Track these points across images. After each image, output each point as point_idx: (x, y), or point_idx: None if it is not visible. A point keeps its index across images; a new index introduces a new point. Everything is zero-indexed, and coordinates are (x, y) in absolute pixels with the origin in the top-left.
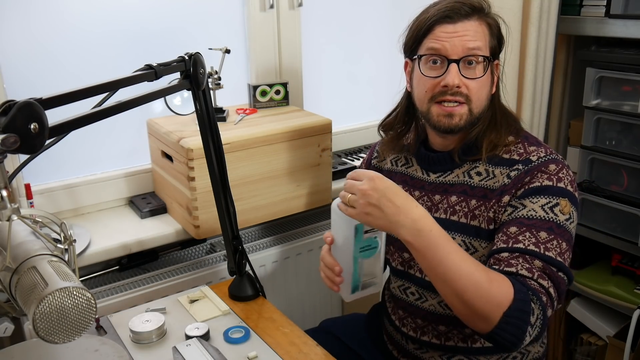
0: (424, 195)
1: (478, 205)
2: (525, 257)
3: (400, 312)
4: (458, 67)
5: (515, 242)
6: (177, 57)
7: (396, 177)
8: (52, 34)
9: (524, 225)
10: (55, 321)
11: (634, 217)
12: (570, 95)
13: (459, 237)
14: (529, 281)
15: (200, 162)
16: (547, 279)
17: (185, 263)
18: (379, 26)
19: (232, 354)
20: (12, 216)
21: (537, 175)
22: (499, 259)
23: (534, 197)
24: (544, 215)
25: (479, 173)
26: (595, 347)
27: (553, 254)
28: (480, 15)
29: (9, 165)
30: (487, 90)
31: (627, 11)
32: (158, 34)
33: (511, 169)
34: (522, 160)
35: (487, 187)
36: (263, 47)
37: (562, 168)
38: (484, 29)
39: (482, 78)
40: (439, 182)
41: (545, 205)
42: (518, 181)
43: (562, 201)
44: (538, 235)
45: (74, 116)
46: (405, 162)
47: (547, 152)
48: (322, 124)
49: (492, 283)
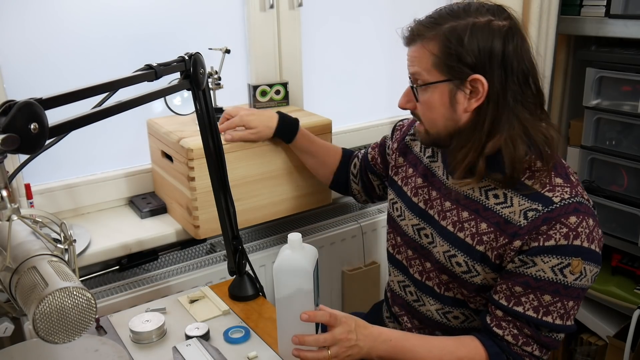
0: (439, 197)
1: (488, 231)
2: (516, 323)
3: (396, 308)
4: (412, 89)
5: (517, 303)
6: (177, 57)
7: (420, 167)
8: (52, 34)
9: (529, 287)
10: (55, 321)
11: (634, 217)
12: (570, 95)
13: (461, 256)
14: (513, 347)
15: (200, 162)
16: (533, 344)
17: (185, 263)
18: (379, 26)
19: (232, 354)
20: (12, 216)
21: (555, 227)
22: (494, 314)
23: (545, 256)
24: (552, 277)
25: (497, 196)
26: (595, 347)
27: (552, 317)
28: (423, 39)
29: (9, 165)
30: (437, 111)
31: (627, 11)
32: (158, 34)
33: (530, 206)
34: (543, 196)
35: (501, 215)
36: (263, 47)
37: (582, 220)
38: (424, 53)
39: (428, 101)
40: (455, 189)
41: (555, 266)
42: (533, 228)
43: (574, 261)
44: (542, 299)
45: (74, 116)
46: (431, 154)
47: (572, 192)
48: (322, 124)
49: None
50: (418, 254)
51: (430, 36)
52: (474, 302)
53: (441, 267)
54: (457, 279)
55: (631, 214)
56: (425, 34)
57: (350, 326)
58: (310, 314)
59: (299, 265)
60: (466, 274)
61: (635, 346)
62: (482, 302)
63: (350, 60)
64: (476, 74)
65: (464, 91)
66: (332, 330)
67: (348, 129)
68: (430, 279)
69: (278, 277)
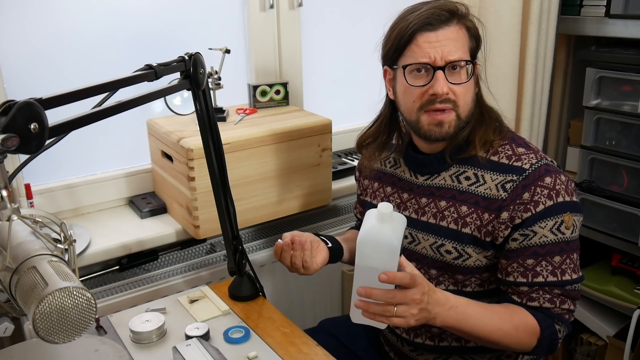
0: (412, 197)
1: (469, 212)
2: (545, 289)
3: None
4: (444, 74)
5: (534, 275)
6: (177, 57)
7: (385, 177)
8: (52, 34)
9: (539, 255)
10: (55, 321)
11: (634, 217)
12: (570, 95)
13: (449, 244)
14: (553, 310)
15: (200, 162)
16: (567, 299)
17: (185, 263)
18: (378, 26)
19: (232, 354)
20: (12, 216)
21: (536, 192)
22: (519, 292)
23: (541, 221)
24: (554, 238)
25: (468, 178)
26: (595, 347)
27: (569, 274)
28: (459, 20)
29: (9, 165)
30: (472, 93)
31: (627, 11)
32: (158, 33)
33: (505, 179)
34: (513, 166)
35: (478, 193)
36: (263, 47)
37: (555, 178)
38: (464, 33)
39: (467, 82)
40: (426, 185)
41: (553, 227)
42: (516, 196)
43: (565, 217)
44: (553, 262)
45: (74, 116)
46: (393, 163)
47: (537, 157)
48: (322, 124)
49: (518, 329)
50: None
51: (464, 17)
52: (469, 284)
53: (429, 262)
54: (448, 268)
55: (631, 214)
56: (462, 14)
57: (425, 288)
58: (389, 275)
59: (385, 240)
60: (457, 260)
61: (635, 346)
62: (478, 283)
63: (350, 60)
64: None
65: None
66: (405, 291)
67: (348, 129)
68: None
69: (361, 249)
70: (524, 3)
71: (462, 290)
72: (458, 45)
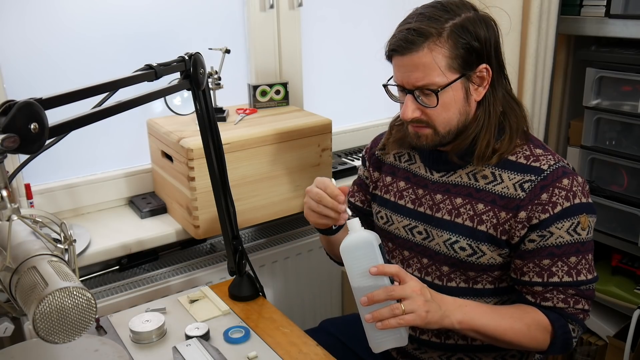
0: (427, 194)
1: (486, 210)
2: (559, 289)
3: None
4: (414, 96)
5: (550, 275)
6: (177, 57)
7: (399, 172)
8: (52, 34)
9: (555, 256)
10: (55, 321)
11: (634, 217)
12: (570, 95)
13: (464, 241)
14: (567, 309)
15: (200, 162)
16: (582, 299)
17: (185, 263)
18: (378, 26)
19: (232, 354)
20: (12, 216)
21: (554, 193)
22: (533, 291)
23: (558, 222)
24: (570, 239)
25: (485, 176)
26: (595, 347)
27: (584, 274)
28: (432, 40)
29: (9, 165)
30: (453, 109)
31: (627, 11)
32: (158, 33)
33: (523, 179)
34: (531, 166)
35: (495, 192)
36: (263, 47)
37: (572, 180)
38: (435, 56)
39: (444, 102)
40: (442, 181)
41: (569, 228)
42: (534, 196)
43: (581, 218)
44: (569, 262)
45: (74, 116)
46: (408, 158)
47: (555, 158)
48: (322, 124)
49: (531, 327)
50: (414, 252)
51: (438, 36)
52: (481, 281)
53: (442, 259)
54: (461, 264)
55: (631, 214)
56: (432, 34)
57: (420, 282)
58: (379, 267)
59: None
60: (471, 257)
61: (635, 346)
62: (489, 280)
63: (350, 60)
64: (483, 63)
65: (473, 82)
66: (403, 284)
67: (348, 129)
68: (429, 273)
69: (345, 258)
70: (524, 3)
71: (473, 287)
72: (427, 70)
